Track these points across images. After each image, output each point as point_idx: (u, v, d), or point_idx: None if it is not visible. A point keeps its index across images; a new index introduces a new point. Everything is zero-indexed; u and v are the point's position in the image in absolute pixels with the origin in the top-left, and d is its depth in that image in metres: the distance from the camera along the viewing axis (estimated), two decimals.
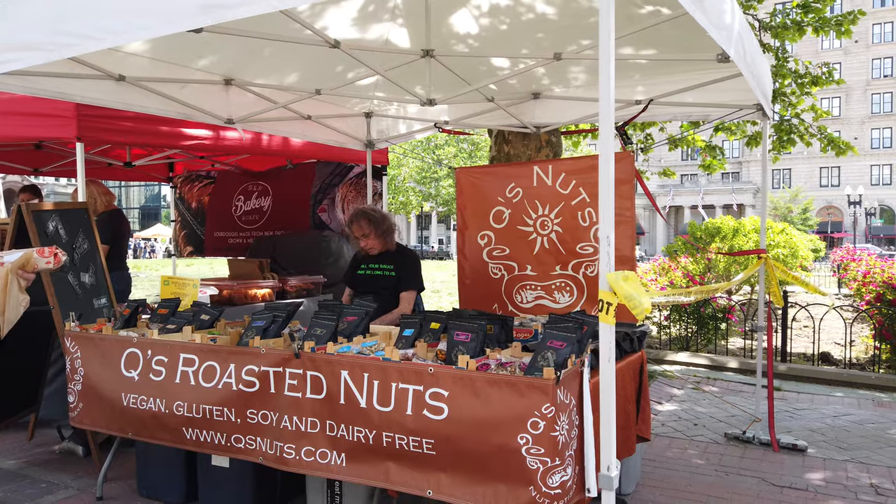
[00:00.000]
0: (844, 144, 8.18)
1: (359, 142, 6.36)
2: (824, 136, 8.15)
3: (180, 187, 8.67)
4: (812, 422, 5.54)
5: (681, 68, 4.63)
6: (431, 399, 2.76)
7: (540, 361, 2.70)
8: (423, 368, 2.80)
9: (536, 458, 2.57)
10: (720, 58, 3.47)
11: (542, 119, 5.75)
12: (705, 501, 3.89)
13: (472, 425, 2.68)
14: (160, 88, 4.60)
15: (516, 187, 5.45)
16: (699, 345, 8.53)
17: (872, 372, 7.41)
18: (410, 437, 2.80)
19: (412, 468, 2.83)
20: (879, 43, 56.90)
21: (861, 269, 12.42)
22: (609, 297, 1.99)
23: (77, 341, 3.78)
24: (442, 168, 40.18)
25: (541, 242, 5.41)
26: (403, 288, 4.56)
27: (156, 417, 3.47)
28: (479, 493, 2.69)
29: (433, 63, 4.36)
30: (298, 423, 3.08)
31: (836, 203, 57.21)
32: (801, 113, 8.44)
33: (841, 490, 4.07)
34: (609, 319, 2.01)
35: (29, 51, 2.89)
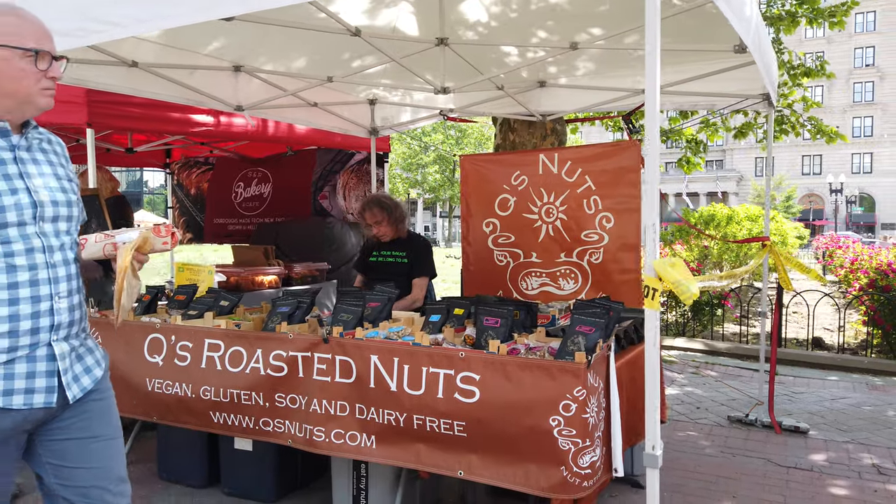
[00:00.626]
0: (833, 132, 8.31)
1: (363, 129, 6.38)
2: (815, 125, 8.27)
3: (178, 173, 8.62)
4: (810, 405, 5.69)
5: (689, 58, 4.70)
6: (463, 383, 2.83)
7: (570, 346, 2.77)
8: (455, 353, 2.86)
9: (568, 440, 2.64)
10: (737, 48, 3.54)
11: (548, 107, 5.80)
12: (715, 482, 4.00)
13: (503, 408, 2.75)
14: (171, 74, 4.59)
15: (522, 175, 5.49)
16: (695, 330, 8.67)
17: (865, 356, 7.59)
18: (441, 419, 2.87)
19: (443, 450, 2.90)
20: (861, 32, 57.45)
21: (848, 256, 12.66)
22: (654, 283, 2.06)
23: (98, 327, 3.79)
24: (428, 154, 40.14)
25: (546, 230, 5.47)
26: (416, 274, 4.62)
27: (181, 402, 3.51)
28: (511, 473, 2.77)
29: (447, 51, 4.39)
30: (328, 407, 3.13)
31: (817, 191, 57.95)
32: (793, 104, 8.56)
33: (844, 470, 4.21)
34: (654, 305, 2.08)
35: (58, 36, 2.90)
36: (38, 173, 1.91)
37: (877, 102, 58.28)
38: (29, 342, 1.83)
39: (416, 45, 4.39)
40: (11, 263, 1.81)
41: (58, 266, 1.90)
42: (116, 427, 2.09)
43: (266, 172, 7.92)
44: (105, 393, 2.07)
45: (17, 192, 1.83)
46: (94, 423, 2.00)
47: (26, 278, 1.83)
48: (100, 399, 2.03)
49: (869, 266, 9.67)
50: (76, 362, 1.96)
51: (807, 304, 8.05)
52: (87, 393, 1.98)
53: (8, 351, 1.80)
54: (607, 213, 5.09)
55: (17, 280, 1.81)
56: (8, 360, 1.80)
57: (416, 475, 3.33)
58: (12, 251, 1.81)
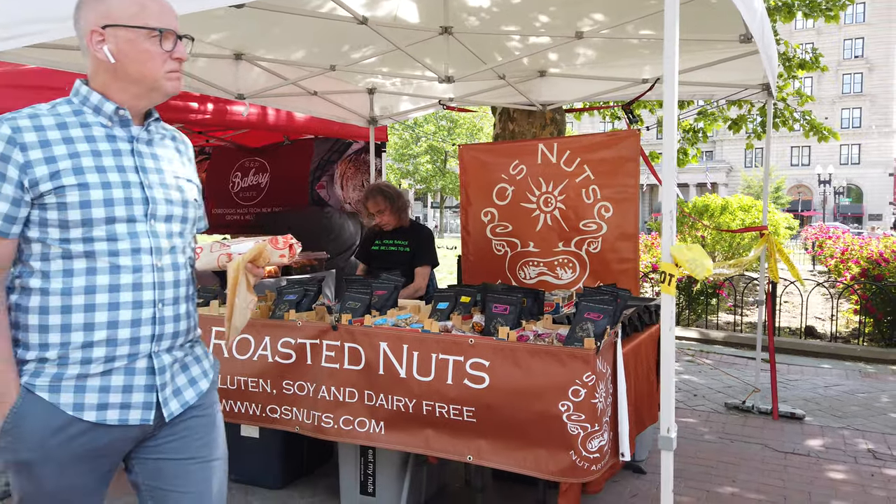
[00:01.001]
0: (827, 130, 8.37)
1: (362, 118, 6.37)
2: (808, 122, 8.33)
3: None
4: (805, 392, 5.77)
5: (690, 48, 4.71)
6: (472, 369, 2.86)
7: (579, 332, 2.80)
8: (464, 340, 2.89)
9: (577, 425, 2.68)
10: (743, 38, 3.57)
11: (548, 97, 5.82)
12: (715, 467, 4.07)
13: (512, 393, 2.79)
14: None
15: (520, 164, 5.52)
16: (689, 319, 8.75)
17: (857, 345, 7.69)
18: (451, 405, 2.90)
19: (452, 435, 2.94)
20: (851, 24, 57.71)
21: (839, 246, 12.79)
22: (671, 269, 2.09)
23: None
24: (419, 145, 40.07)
25: (544, 219, 5.50)
26: (418, 263, 4.64)
27: None
28: (520, 457, 2.81)
29: (451, 40, 4.39)
30: (336, 393, 3.15)
31: (806, 182, 58.34)
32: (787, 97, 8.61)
33: (841, 455, 4.28)
34: (671, 290, 2.11)
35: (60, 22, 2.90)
36: (155, 168, 1.74)
37: (865, 94, 58.65)
38: (128, 352, 1.66)
39: (420, 34, 4.39)
40: (115, 263, 1.64)
41: (165, 270, 1.72)
42: (220, 447, 1.89)
43: (263, 162, 7.90)
44: (209, 409, 1.88)
45: (130, 186, 1.66)
46: (193, 443, 1.80)
47: (129, 281, 1.65)
48: (202, 415, 1.84)
49: (860, 256, 9.79)
50: (179, 373, 1.79)
51: (800, 293, 8.13)
52: (188, 408, 1.79)
53: (105, 361, 1.63)
54: (606, 203, 5.12)
55: (120, 282, 1.64)
56: (104, 370, 1.64)
57: (423, 461, 3.37)
58: (117, 250, 1.64)
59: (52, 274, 1.61)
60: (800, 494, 3.70)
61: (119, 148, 1.69)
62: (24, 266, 1.65)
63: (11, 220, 1.60)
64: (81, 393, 1.62)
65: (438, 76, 4.94)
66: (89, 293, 1.62)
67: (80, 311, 1.61)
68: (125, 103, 1.70)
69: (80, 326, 1.61)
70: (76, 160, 1.61)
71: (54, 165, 1.59)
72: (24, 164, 1.57)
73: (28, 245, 1.63)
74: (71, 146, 1.62)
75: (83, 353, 1.61)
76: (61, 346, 1.61)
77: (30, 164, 1.57)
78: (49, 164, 1.59)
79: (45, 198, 1.59)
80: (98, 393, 1.63)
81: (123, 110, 1.69)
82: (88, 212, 1.60)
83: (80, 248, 1.61)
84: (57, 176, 1.58)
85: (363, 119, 6.38)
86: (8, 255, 1.63)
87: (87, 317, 1.61)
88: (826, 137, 8.50)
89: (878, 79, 58.27)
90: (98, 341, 1.62)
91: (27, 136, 1.59)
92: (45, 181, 1.58)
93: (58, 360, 1.61)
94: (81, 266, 1.62)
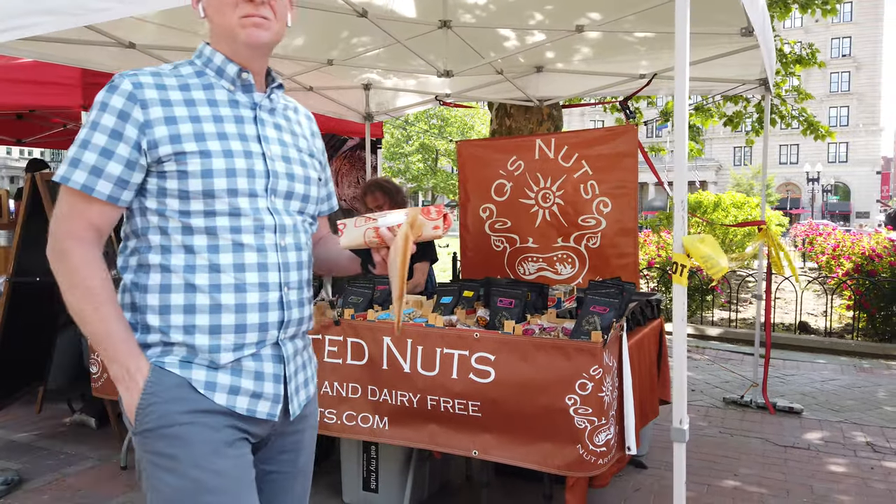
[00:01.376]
0: (824, 129, 8.40)
1: (357, 114, 6.34)
2: (804, 119, 8.35)
3: None
4: (802, 386, 5.79)
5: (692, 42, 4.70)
6: (477, 363, 2.84)
7: (586, 326, 2.79)
8: (469, 334, 2.87)
9: (584, 418, 2.67)
10: (744, 31, 3.56)
11: (545, 92, 5.81)
12: (716, 461, 4.07)
13: (518, 387, 2.77)
14: (168, 56, 4.52)
15: (518, 160, 5.49)
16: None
17: (851, 340, 7.73)
18: (456, 399, 2.88)
19: (457, 430, 2.91)
20: (839, 23, 58.08)
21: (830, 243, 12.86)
22: (682, 260, 2.08)
23: None
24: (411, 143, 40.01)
25: (542, 215, 5.48)
26: (417, 259, 4.56)
27: None
28: (526, 452, 2.79)
29: (450, 34, 4.37)
30: (339, 389, 3.13)
31: (794, 180, 58.72)
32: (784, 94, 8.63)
33: (840, 448, 4.29)
34: (682, 281, 2.10)
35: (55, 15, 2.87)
36: (277, 140, 1.57)
37: (853, 92, 59.09)
38: (256, 339, 1.49)
39: (419, 27, 4.37)
40: (238, 241, 1.46)
41: (288, 250, 1.55)
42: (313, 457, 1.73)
43: None
44: (314, 418, 1.72)
45: (252, 157, 1.49)
46: (301, 455, 1.66)
47: (254, 261, 1.48)
48: (311, 426, 1.69)
49: (852, 252, 9.84)
50: (300, 369, 1.64)
51: (795, 288, 8.16)
52: (296, 416, 1.61)
53: (234, 349, 1.47)
54: (604, 198, 5.11)
55: (244, 261, 1.47)
56: (234, 359, 1.47)
57: (427, 456, 3.34)
58: (240, 226, 1.47)
59: (173, 249, 1.44)
60: (802, 488, 3.71)
61: (241, 115, 1.52)
62: (140, 240, 1.47)
63: (123, 185, 1.42)
64: (214, 371, 1.46)
65: (437, 70, 4.91)
66: (213, 272, 1.44)
67: (205, 292, 1.44)
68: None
69: (205, 308, 1.44)
70: (197, 125, 1.45)
71: (175, 128, 1.42)
72: (143, 122, 1.40)
73: (145, 217, 1.46)
74: (193, 109, 1.46)
75: (210, 340, 1.44)
76: (185, 331, 1.44)
77: (149, 124, 1.41)
78: (169, 126, 1.42)
79: (165, 164, 1.42)
80: (230, 375, 1.47)
81: (247, 73, 1.52)
82: (210, 182, 1.42)
83: (202, 222, 1.44)
84: (177, 140, 1.42)
85: (359, 115, 6.35)
86: (111, 223, 1.46)
87: (213, 298, 1.44)
88: (822, 136, 8.53)
89: (865, 77, 58.72)
90: (226, 325, 1.45)
91: (148, 93, 1.42)
92: (165, 144, 1.41)
93: (185, 346, 1.44)
94: (202, 243, 1.44)
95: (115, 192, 1.42)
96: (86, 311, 1.41)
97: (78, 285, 1.40)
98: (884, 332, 7.68)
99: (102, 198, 1.41)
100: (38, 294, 4.36)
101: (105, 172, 1.40)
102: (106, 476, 3.82)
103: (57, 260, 1.42)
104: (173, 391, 1.42)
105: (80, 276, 1.40)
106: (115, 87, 1.41)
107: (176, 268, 1.44)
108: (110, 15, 2.80)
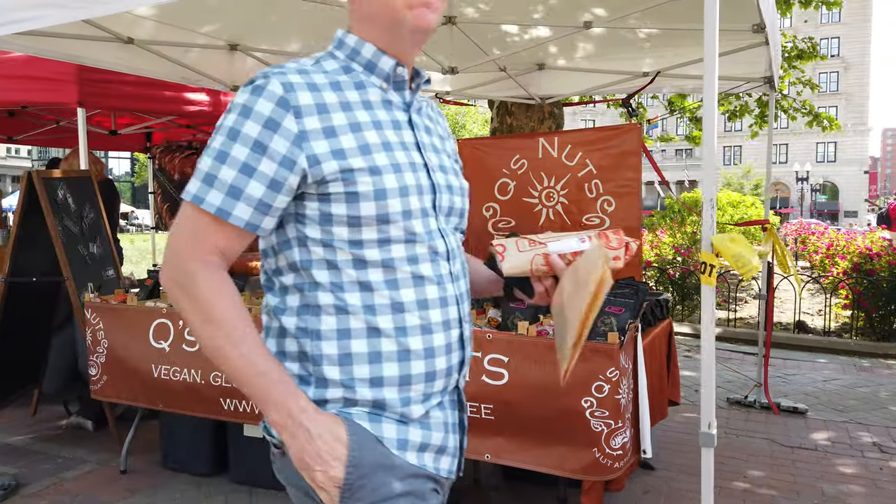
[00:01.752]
0: (828, 119, 8.41)
1: None
2: (809, 111, 8.36)
3: (159, 158, 8.40)
4: (804, 386, 5.77)
5: (690, 41, 4.68)
6: (490, 365, 2.78)
7: (601, 326, 2.74)
8: (482, 335, 2.81)
9: (601, 421, 2.62)
10: (756, 28, 3.53)
11: (547, 90, 5.76)
12: (724, 462, 4.03)
13: (533, 390, 2.71)
14: (166, 52, 4.45)
15: (521, 159, 5.44)
16: (682, 315, 8.75)
17: (850, 339, 7.74)
18: (468, 402, 2.81)
19: (469, 433, 2.85)
20: (827, 23, 58.52)
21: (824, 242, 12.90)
22: (711, 259, 2.03)
23: (99, 313, 3.67)
24: None
25: (546, 214, 5.44)
26: None
27: (190, 389, 3.41)
28: (540, 455, 2.74)
29: (454, 30, 4.31)
30: None
31: (783, 179, 59.06)
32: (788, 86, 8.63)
33: (847, 449, 4.27)
34: (711, 281, 2.05)
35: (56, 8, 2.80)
36: (430, 146, 1.32)
37: (841, 92, 59.56)
38: (442, 386, 1.28)
39: None
40: (418, 273, 1.23)
41: (460, 278, 1.31)
42: None
43: None
44: None
45: (417, 169, 1.24)
46: None
47: (435, 295, 1.25)
48: None
49: (847, 251, 9.86)
50: None
51: (793, 287, 8.16)
52: None
53: (423, 400, 1.25)
54: (608, 197, 5.07)
55: (427, 297, 1.23)
56: (424, 412, 1.25)
57: None
58: (416, 255, 1.23)
59: (346, 286, 1.20)
60: (812, 489, 3.68)
61: (397, 119, 1.26)
62: (300, 276, 1.22)
63: (264, 210, 1.16)
64: (405, 426, 1.24)
65: (442, 68, 4.85)
66: (397, 311, 1.20)
67: (391, 336, 1.20)
68: None
69: (392, 355, 1.21)
70: (359, 135, 1.19)
71: (336, 141, 1.16)
72: (297, 135, 1.14)
73: (305, 248, 1.20)
74: (351, 115, 1.20)
75: (400, 392, 1.22)
76: (372, 383, 1.20)
77: (305, 136, 1.14)
78: (329, 139, 1.16)
79: (329, 185, 1.16)
80: (421, 430, 1.25)
81: (402, 67, 1.25)
82: (384, 205, 1.17)
83: (376, 253, 1.20)
84: (341, 155, 1.16)
85: None
86: (238, 251, 1.22)
87: (400, 343, 1.21)
88: (829, 128, 8.52)
89: (853, 77, 59.18)
90: (416, 374, 1.22)
91: (302, 98, 1.15)
92: (329, 160, 1.15)
93: (371, 403, 1.21)
94: (379, 277, 1.20)
95: (254, 218, 1.16)
96: (224, 348, 1.15)
97: (211, 318, 1.15)
98: (882, 332, 7.69)
99: (240, 224, 1.15)
100: (34, 295, 4.28)
101: (245, 194, 1.14)
102: (105, 480, 3.74)
103: (179, 288, 1.17)
104: (376, 455, 1.20)
105: (211, 307, 1.15)
106: (260, 89, 1.14)
107: (354, 308, 1.20)
108: (113, 8, 2.73)
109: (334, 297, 1.20)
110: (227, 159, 1.14)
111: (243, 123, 1.14)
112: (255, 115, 1.13)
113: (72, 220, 4.13)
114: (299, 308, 1.22)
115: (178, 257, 1.17)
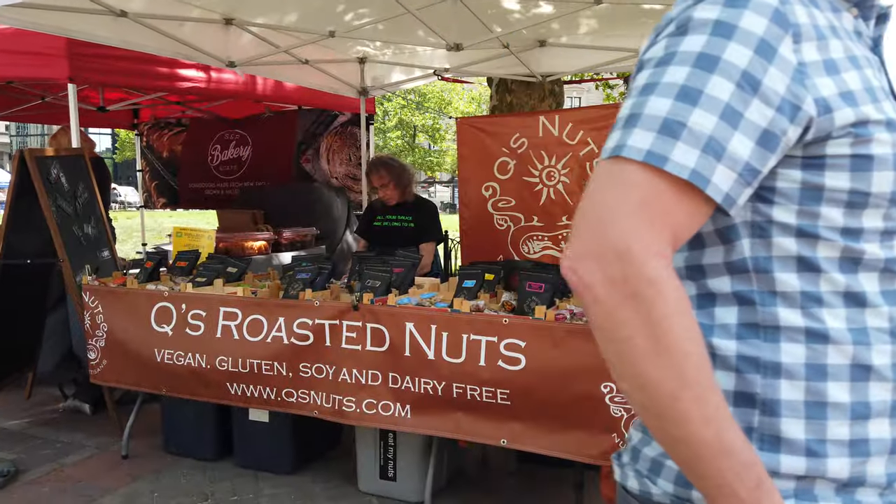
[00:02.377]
0: None
1: (352, 88, 6.14)
2: None
3: (147, 135, 8.22)
4: None
5: None
6: (507, 350, 2.73)
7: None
8: (498, 319, 2.76)
9: (621, 406, 2.59)
10: None
11: (548, 67, 5.67)
12: None
13: (550, 375, 2.67)
14: (160, 26, 4.30)
15: (521, 137, 5.37)
16: None
17: None
18: (484, 387, 2.77)
19: (485, 418, 2.81)
20: None
21: None
22: None
23: (98, 296, 3.57)
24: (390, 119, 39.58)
25: (547, 193, 5.38)
26: (424, 239, 4.47)
27: (195, 373, 3.33)
28: (558, 440, 2.70)
29: (458, 5, 4.20)
30: (358, 376, 3.00)
31: None
32: None
33: None
34: None
35: None
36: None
37: None
38: None
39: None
40: None
41: None
42: None
43: (244, 134, 7.61)
44: None
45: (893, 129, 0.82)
46: None
47: None
48: None
49: None
50: None
51: None
52: None
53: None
54: None
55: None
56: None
57: (447, 444, 3.23)
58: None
59: (825, 299, 0.82)
60: None
61: (868, 59, 0.87)
62: (750, 281, 0.84)
63: (749, 178, 0.78)
64: None
65: (447, 44, 4.75)
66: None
67: (888, 380, 0.82)
68: None
69: (885, 408, 0.82)
70: (861, 73, 0.83)
71: (840, 80, 0.80)
72: (797, 67, 0.77)
73: (765, 241, 0.83)
74: (844, 44, 0.84)
75: (889, 464, 0.83)
76: (853, 450, 0.81)
77: (805, 72, 0.78)
78: (833, 76, 0.80)
79: (830, 144, 0.79)
80: None
81: None
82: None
83: (878, 250, 0.82)
84: (851, 100, 0.79)
85: (353, 89, 6.15)
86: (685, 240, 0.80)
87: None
88: None
89: None
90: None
91: (799, 14, 0.80)
92: (841, 108, 0.78)
93: (847, 480, 0.82)
94: (875, 287, 0.83)
95: (735, 188, 0.77)
96: (682, 401, 0.73)
97: (672, 350, 0.73)
98: None
99: (717, 198, 0.77)
100: (28, 277, 4.16)
101: (727, 153, 0.76)
102: (106, 466, 3.67)
103: (630, 300, 0.73)
104: None
105: (674, 336, 0.73)
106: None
107: (837, 334, 0.81)
108: None
109: (804, 316, 0.82)
110: (699, 99, 0.75)
111: (723, 47, 0.76)
112: (741, 34, 0.76)
113: (65, 200, 4.01)
114: (739, 327, 0.84)
115: (627, 249, 0.73)
